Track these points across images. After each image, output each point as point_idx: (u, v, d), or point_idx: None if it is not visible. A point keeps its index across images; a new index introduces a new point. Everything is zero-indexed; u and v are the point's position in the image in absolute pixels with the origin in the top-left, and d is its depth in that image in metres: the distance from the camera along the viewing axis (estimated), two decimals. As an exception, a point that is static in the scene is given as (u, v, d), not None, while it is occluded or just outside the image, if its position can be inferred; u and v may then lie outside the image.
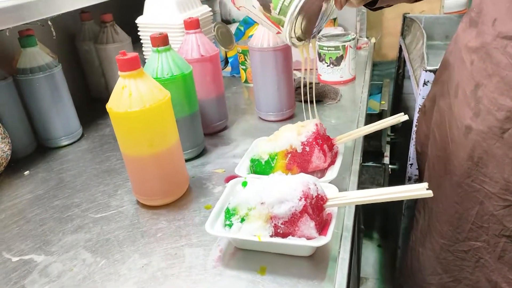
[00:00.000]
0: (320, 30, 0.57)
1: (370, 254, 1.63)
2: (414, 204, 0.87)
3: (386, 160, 1.17)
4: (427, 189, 0.42)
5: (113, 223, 0.59)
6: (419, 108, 0.82)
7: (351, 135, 0.62)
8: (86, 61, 1.05)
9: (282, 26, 0.51)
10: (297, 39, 0.55)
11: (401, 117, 0.57)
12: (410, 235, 0.85)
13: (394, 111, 1.42)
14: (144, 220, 0.59)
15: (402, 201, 1.08)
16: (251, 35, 0.85)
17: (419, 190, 0.42)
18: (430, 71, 0.82)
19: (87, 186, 0.70)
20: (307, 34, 0.55)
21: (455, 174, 0.63)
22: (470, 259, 0.66)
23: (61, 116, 0.84)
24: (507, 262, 0.62)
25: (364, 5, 0.65)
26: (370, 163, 1.19)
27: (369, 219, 1.70)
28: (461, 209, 0.64)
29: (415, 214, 0.80)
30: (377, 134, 1.16)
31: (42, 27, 0.83)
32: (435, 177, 0.70)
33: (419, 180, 0.84)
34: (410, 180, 0.97)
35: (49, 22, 0.79)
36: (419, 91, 0.86)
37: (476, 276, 0.66)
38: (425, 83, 0.83)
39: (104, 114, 0.99)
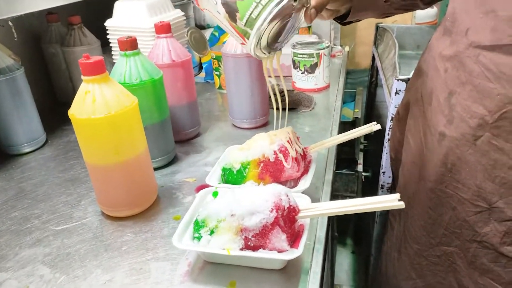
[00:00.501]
0: (287, 42, 0.54)
1: (344, 261, 1.64)
2: (387, 211, 0.87)
3: (360, 167, 1.17)
4: (399, 200, 0.41)
5: (75, 236, 0.56)
6: (393, 116, 0.82)
7: (324, 143, 0.61)
8: (52, 64, 1.01)
9: (248, 38, 0.48)
10: (263, 50, 0.52)
11: (374, 126, 0.57)
12: (384, 241, 0.85)
13: (367, 118, 1.44)
14: (109, 232, 0.56)
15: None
16: (226, 41, 0.83)
17: (391, 202, 0.41)
18: (402, 80, 0.83)
19: (49, 196, 0.66)
20: (273, 46, 0.52)
21: (429, 180, 0.64)
22: (443, 264, 0.67)
23: (23, 121, 0.79)
24: (477, 267, 0.62)
25: (334, 19, 0.65)
26: (343, 171, 1.19)
27: (343, 226, 1.71)
28: (434, 214, 0.65)
29: (390, 219, 0.80)
30: (351, 142, 1.16)
31: (2, 28, 0.79)
32: (409, 183, 0.70)
33: (392, 186, 0.84)
34: (382, 188, 0.97)
35: (10, 23, 0.75)
36: (391, 100, 0.87)
37: (448, 281, 0.66)
38: (397, 92, 0.84)
39: (69, 119, 0.95)
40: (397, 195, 0.42)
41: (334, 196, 1.25)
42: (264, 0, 0.45)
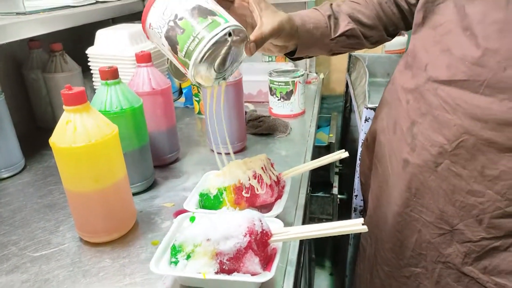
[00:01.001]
0: (232, 73, 0.57)
1: (322, 283, 1.66)
2: (359, 234, 0.90)
3: (335, 190, 1.21)
4: (362, 224, 0.45)
5: (53, 262, 0.57)
6: (362, 142, 0.87)
7: (297, 170, 0.65)
8: (32, 90, 1.02)
9: (188, 68, 0.52)
10: (209, 80, 0.54)
11: (342, 154, 0.61)
12: (357, 263, 0.88)
13: (342, 142, 1.49)
14: (87, 258, 0.57)
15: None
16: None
17: (355, 226, 0.44)
18: (371, 108, 0.88)
19: (27, 222, 0.67)
20: (218, 75, 0.54)
21: (396, 204, 0.67)
22: (411, 285, 0.70)
23: (1, 147, 0.80)
24: (443, 287, 0.66)
25: (284, 54, 0.68)
26: (319, 193, 1.23)
27: (321, 248, 1.73)
28: (402, 237, 0.68)
29: (362, 242, 0.83)
30: (326, 166, 1.19)
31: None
32: (378, 207, 0.74)
33: (364, 209, 0.88)
34: (355, 211, 1.01)
35: (-7, 51, 0.77)
36: (361, 127, 0.92)
37: None
38: (366, 120, 0.89)
39: (49, 144, 0.96)
40: (360, 220, 0.45)
41: (310, 219, 1.28)
42: (200, 34, 0.49)
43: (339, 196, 1.24)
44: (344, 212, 1.30)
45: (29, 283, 0.53)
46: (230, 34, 0.50)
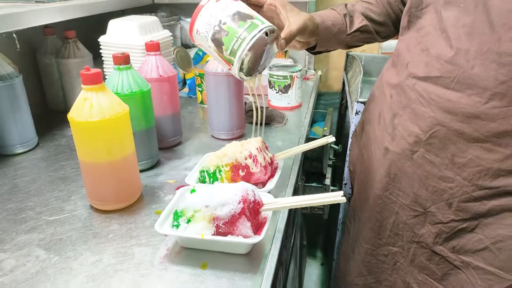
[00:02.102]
0: (265, 67, 0.67)
1: (313, 272, 1.72)
2: (345, 217, 0.97)
3: (327, 181, 1.27)
4: (342, 196, 0.51)
5: (67, 225, 0.63)
6: (352, 133, 0.94)
7: (289, 152, 0.71)
8: (46, 74, 1.08)
9: (232, 65, 0.61)
10: (246, 74, 0.64)
11: (329, 139, 0.68)
12: (342, 242, 0.94)
13: (337, 137, 1.55)
14: (97, 223, 0.64)
15: (338, 216, 1.19)
16: (208, 60, 0.93)
17: (335, 197, 0.51)
18: (361, 102, 0.94)
19: (41, 191, 0.73)
20: (254, 70, 0.64)
21: (376, 188, 0.74)
22: (389, 263, 0.76)
23: (18, 124, 0.86)
24: (417, 265, 0.72)
25: (306, 50, 0.78)
26: (313, 184, 1.29)
27: (313, 238, 1.79)
28: (381, 218, 0.75)
29: (347, 223, 0.90)
30: (319, 158, 1.26)
31: (4, 38, 0.87)
32: (362, 191, 0.81)
33: (351, 196, 0.94)
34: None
35: (14, 35, 0.83)
36: (352, 120, 0.98)
37: (393, 277, 0.76)
38: (357, 113, 0.95)
39: (60, 125, 1.02)
40: (340, 192, 0.52)
41: (303, 208, 1.34)
42: (243, 35, 0.59)
43: (331, 187, 1.30)
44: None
45: (45, 241, 0.60)
46: (267, 34, 0.60)
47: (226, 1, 0.62)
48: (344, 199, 0.51)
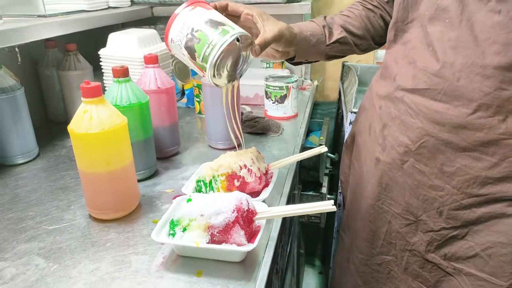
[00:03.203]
0: (242, 74, 0.67)
1: (312, 281, 1.73)
2: (339, 227, 0.98)
3: (324, 190, 1.29)
4: (332, 205, 0.53)
5: (66, 234, 0.65)
6: (343, 144, 0.95)
7: (283, 161, 0.73)
8: (47, 86, 1.11)
9: (205, 71, 0.61)
10: (224, 80, 0.64)
11: (322, 149, 0.69)
12: (337, 252, 0.96)
13: (334, 146, 1.57)
14: (95, 232, 0.66)
15: (334, 226, 1.20)
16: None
17: (326, 206, 0.53)
18: (354, 112, 0.96)
19: (42, 201, 0.75)
20: (230, 76, 0.64)
21: (369, 198, 0.76)
22: (383, 272, 0.78)
23: (19, 135, 0.88)
24: (410, 273, 0.74)
25: (286, 60, 0.78)
26: (310, 192, 1.31)
27: (312, 248, 1.80)
28: (374, 227, 0.76)
29: (341, 234, 0.91)
30: (316, 167, 1.28)
31: (6, 52, 0.89)
32: (354, 201, 0.82)
33: (343, 205, 0.96)
34: (339, 207, 1.09)
35: (16, 49, 0.86)
36: (346, 129, 1.00)
37: (388, 286, 0.77)
38: (351, 123, 0.98)
39: (60, 136, 1.04)
40: (331, 201, 0.53)
41: (300, 217, 1.35)
42: (213, 42, 0.59)
43: (328, 195, 1.31)
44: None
45: (45, 250, 0.61)
46: (238, 39, 0.60)
47: (199, 10, 0.62)
48: (334, 208, 0.53)
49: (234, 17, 0.69)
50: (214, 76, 0.61)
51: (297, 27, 0.75)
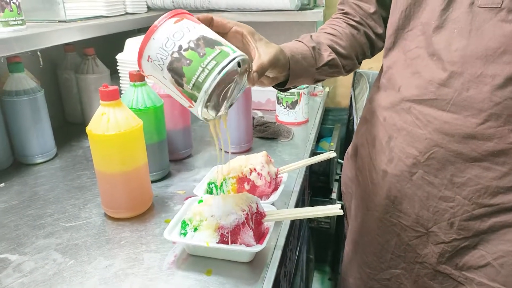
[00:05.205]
0: (232, 104, 0.55)
1: (321, 287, 1.73)
2: (345, 240, 0.98)
3: (334, 195, 1.30)
4: (340, 208, 0.54)
5: (82, 231, 0.67)
6: (345, 155, 0.95)
7: (293, 166, 0.75)
8: (65, 88, 1.15)
9: (195, 101, 0.48)
10: (210, 112, 0.51)
11: (331, 154, 0.71)
12: (342, 268, 0.94)
13: (344, 152, 1.58)
14: (110, 229, 0.68)
15: (344, 233, 1.20)
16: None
17: (333, 210, 0.54)
18: (365, 119, 0.97)
19: (59, 199, 0.78)
20: (220, 107, 0.52)
21: (376, 211, 0.75)
22: (392, 286, 0.76)
23: (38, 136, 0.92)
24: (420, 286, 0.72)
25: (273, 86, 0.68)
26: (319, 198, 1.32)
27: (321, 254, 1.80)
28: (382, 241, 0.75)
29: (345, 247, 0.90)
30: (326, 172, 1.29)
31: (29, 56, 0.93)
32: (360, 214, 0.81)
33: (344, 215, 0.94)
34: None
35: (38, 53, 0.89)
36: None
37: None
38: (361, 129, 0.98)
39: (77, 137, 1.08)
40: (338, 206, 0.55)
41: (309, 221, 1.36)
42: (210, 65, 0.47)
43: (338, 201, 1.32)
44: (341, 215, 1.38)
45: (62, 246, 0.64)
46: (239, 64, 0.49)
47: (188, 23, 0.49)
48: (341, 212, 0.54)
49: (220, 33, 0.57)
50: (206, 107, 0.49)
51: (288, 49, 0.65)
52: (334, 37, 0.73)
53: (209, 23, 0.55)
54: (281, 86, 0.68)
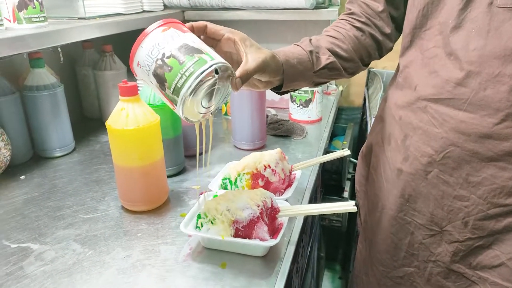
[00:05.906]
0: (218, 108, 0.58)
1: (331, 285, 1.73)
2: (357, 238, 0.98)
3: (346, 194, 1.30)
4: (353, 205, 0.55)
5: (100, 223, 0.69)
6: (359, 154, 0.95)
7: (306, 163, 0.75)
8: (83, 84, 1.17)
9: (176, 105, 0.52)
10: (199, 112, 0.55)
11: (345, 152, 0.71)
12: (355, 265, 0.95)
13: (357, 151, 1.58)
14: (127, 222, 0.70)
15: (354, 231, 1.21)
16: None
17: (347, 206, 0.55)
18: (379, 118, 0.97)
19: (78, 192, 0.80)
20: (205, 111, 0.55)
21: (390, 209, 0.75)
22: (405, 283, 0.77)
23: (58, 130, 0.94)
24: (433, 284, 0.73)
25: (271, 89, 0.70)
26: (332, 196, 1.32)
27: (332, 252, 1.81)
28: (396, 239, 0.75)
29: (358, 245, 0.91)
30: (339, 171, 1.30)
31: (49, 52, 0.95)
32: (374, 213, 0.82)
33: (358, 213, 0.94)
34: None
35: (59, 49, 0.92)
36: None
37: None
38: (374, 128, 0.98)
39: (95, 132, 1.10)
40: (352, 202, 0.55)
41: (322, 219, 1.37)
42: (188, 71, 0.50)
43: (350, 200, 1.32)
44: (352, 214, 1.39)
45: (81, 237, 0.66)
46: (216, 71, 0.51)
47: (173, 32, 0.53)
48: (355, 209, 0.55)
49: (214, 40, 0.61)
50: (186, 110, 0.52)
51: (283, 54, 0.66)
52: (335, 40, 0.73)
53: (203, 30, 0.58)
54: (279, 89, 0.69)
